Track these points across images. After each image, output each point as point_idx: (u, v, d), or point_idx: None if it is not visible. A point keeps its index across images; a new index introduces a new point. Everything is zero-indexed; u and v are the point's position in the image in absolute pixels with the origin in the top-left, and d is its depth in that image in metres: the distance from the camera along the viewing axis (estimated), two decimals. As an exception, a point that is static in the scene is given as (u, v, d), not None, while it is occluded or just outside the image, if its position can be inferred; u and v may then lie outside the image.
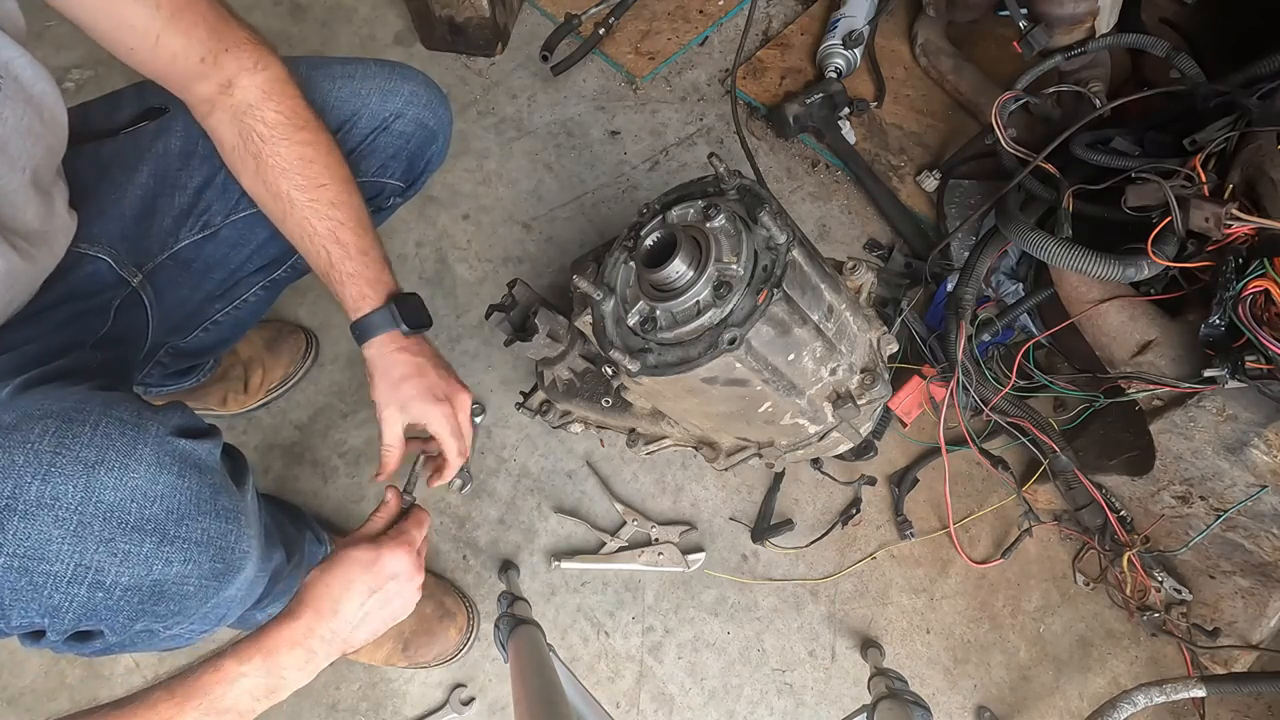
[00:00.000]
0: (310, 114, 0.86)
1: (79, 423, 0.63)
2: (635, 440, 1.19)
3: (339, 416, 1.42)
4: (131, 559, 0.63)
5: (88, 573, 0.62)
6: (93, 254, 0.86)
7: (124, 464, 0.63)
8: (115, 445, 0.63)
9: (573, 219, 1.59)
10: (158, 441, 0.65)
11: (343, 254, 0.87)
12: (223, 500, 0.69)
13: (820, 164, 1.63)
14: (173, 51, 0.77)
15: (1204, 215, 1.02)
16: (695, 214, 0.91)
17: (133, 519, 0.63)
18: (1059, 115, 1.39)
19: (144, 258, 0.91)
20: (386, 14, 1.78)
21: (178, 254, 0.94)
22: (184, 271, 0.95)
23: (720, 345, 0.81)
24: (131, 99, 0.93)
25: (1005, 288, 1.39)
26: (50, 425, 0.63)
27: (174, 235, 0.93)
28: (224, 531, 0.69)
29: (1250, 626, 1.16)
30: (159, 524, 0.64)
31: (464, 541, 1.35)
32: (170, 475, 0.65)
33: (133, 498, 0.63)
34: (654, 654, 1.28)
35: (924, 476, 1.36)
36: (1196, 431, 1.13)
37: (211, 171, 0.92)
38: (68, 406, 0.65)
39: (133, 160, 0.90)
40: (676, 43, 1.75)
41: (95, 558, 0.62)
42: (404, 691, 1.25)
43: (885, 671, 1.08)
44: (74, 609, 0.63)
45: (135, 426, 0.65)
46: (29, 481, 0.60)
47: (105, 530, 0.62)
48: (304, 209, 0.86)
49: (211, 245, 0.96)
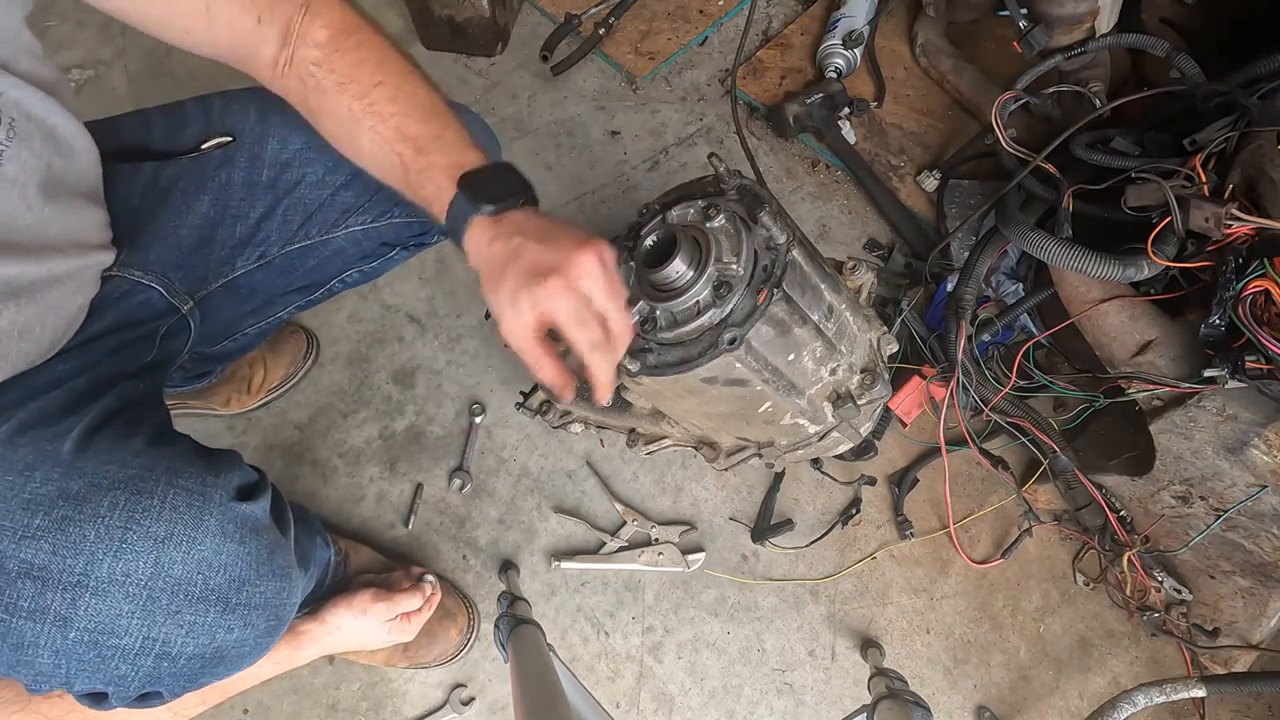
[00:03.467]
0: (357, 18, 0.77)
1: (147, 494, 0.64)
2: (635, 440, 1.19)
3: (339, 416, 1.42)
4: (197, 629, 0.64)
5: (154, 644, 0.63)
6: (146, 282, 0.85)
7: (191, 537, 0.64)
8: (183, 518, 0.64)
9: (573, 219, 1.59)
10: (221, 510, 0.66)
11: (413, 151, 0.73)
12: (278, 559, 0.71)
13: (820, 164, 1.63)
14: (228, 18, 0.73)
15: (1204, 215, 1.02)
16: (695, 214, 0.91)
17: (199, 590, 0.64)
18: (1059, 115, 1.39)
19: (197, 285, 0.90)
20: (387, 14, 1.78)
21: (232, 282, 0.94)
22: (232, 296, 0.95)
23: (720, 345, 0.81)
24: (196, 117, 0.91)
25: (1005, 288, 1.38)
26: (120, 498, 0.63)
27: (230, 264, 0.92)
28: (279, 590, 0.70)
29: (1250, 626, 1.16)
30: (222, 593, 0.65)
31: (464, 541, 1.35)
32: (233, 544, 0.66)
33: (199, 570, 0.64)
34: (654, 654, 1.28)
35: (924, 476, 1.36)
36: (1196, 431, 1.13)
37: (273, 202, 0.92)
38: (134, 475, 0.65)
39: (194, 188, 0.88)
40: (676, 43, 1.75)
41: (163, 630, 0.63)
42: (404, 691, 1.25)
43: (885, 671, 1.08)
44: (139, 678, 0.64)
45: (200, 495, 0.66)
46: (101, 558, 0.61)
47: (173, 604, 0.63)
48: (367, 119, 0.74)
49: (263, 274, 0.96)
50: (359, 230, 0.99)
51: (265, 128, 0.91)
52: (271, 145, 0.91)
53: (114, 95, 1.70)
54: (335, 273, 1.05)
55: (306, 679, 1.23)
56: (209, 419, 1.40)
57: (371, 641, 1.11)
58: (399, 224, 1.00)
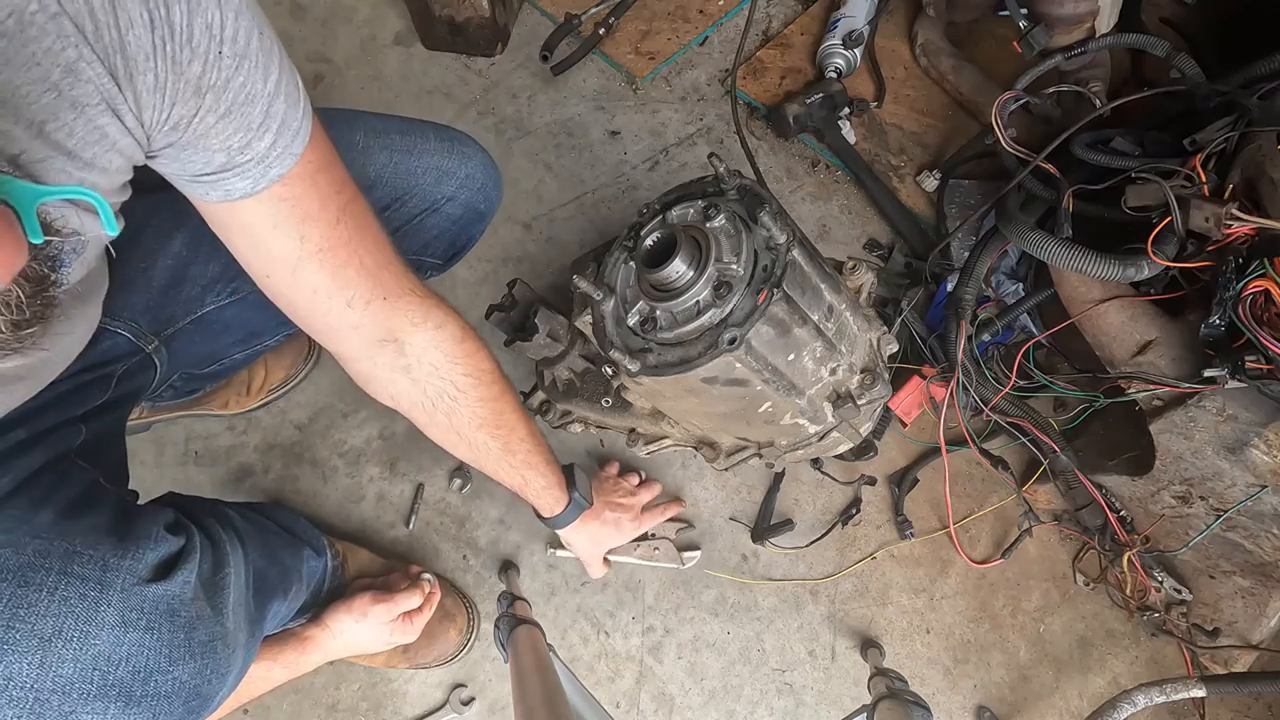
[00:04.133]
0: (492, 364, 0.88)
1: (35, 587, 0.59)
2: (635, 440, 1.19)
3: (339, 416, 1.42)
4: None
5: None
6: (112, 328, 0.82)
7: (84, 632, 0.60)
8: (74, 612, 0.60)
9: (573, 219, 1.59)
10: (123, 598, 0.62)
11: (536, 475, 0.99)
12: (199, 634, 0.67)
13: (820, 164, 1.63)
14: (313, 286, 0.70)
15: (1204, 215, 1.02)
16: (695, 214, 0.91)
17: (95, 688, 0.60)
18: (1059, 115, 1.39)
19: (164, 325, 0.88)
20: (387, 14, 1.78)
21: (202, 318, 0.91)
22: (204, 331, 0.92)
23: (720, 345, 0.81)
24: None
25: (1005, 288, 1.38)
26: (4, 591, 0.59)
27: (200, 301, 0.89)
28: (198, 669, 0.66)
29: (1250, 626, 1.15)
30: (125, 686, 0.61)
31: (464, 541, 1.35)
32: (137, 633, 0.62)
33: (95, 665, 0.60)
34: (654, 654, 1.28)
35: (924, 476, 1.36)
36: (1196, 431, 1.13)
37: None
38: (24, 564, 0.60)
39: (168, 225, 0.85)
40: (676, 43, 1.75)
41: None
42: (404, 691, 1.25)
43: (885, 671, 1.08)
44: None
45: (98, 584, 0.62)
46: None
47: (65, 704, 0.59)
48: (499, 450, 0.93)
49: (236, 309, 0.92)
50: None
51: None
52: None
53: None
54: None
55: (307, 679, 1.23)
56: (208, 419, 1.40)
57: (374, 644, 1.11)
58: None
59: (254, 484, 1.38)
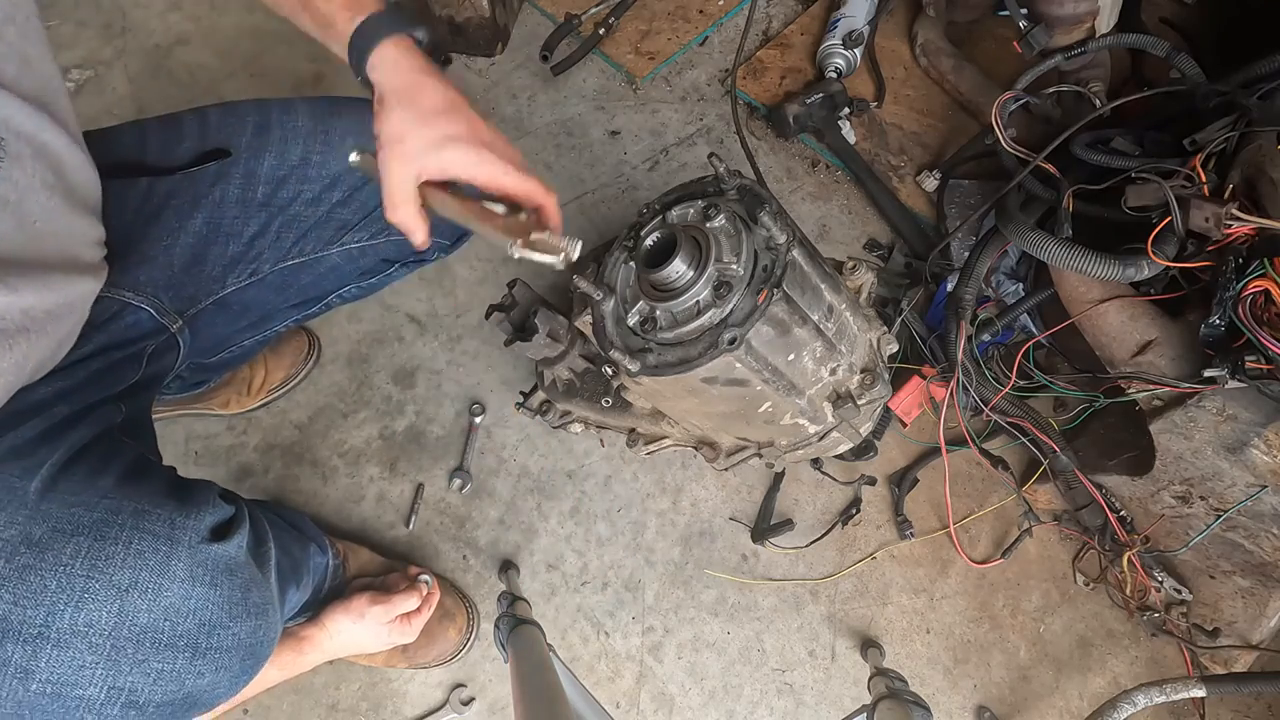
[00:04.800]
0: None
1: (111, 541, 0.63)
2: (635, 440, 1.19)
3: (339, 416, 1.42)
4: (165, 677, 0.64)
5: (121, 694, 0.62)
6: (135, 303, 0.84)
7: (158, 584, 0.63)
8: (149, 564, 0.63)
9: (573, 219, 1.59)
10: (190, 553, 0.65)
11: None
12: (254, 596, 0.70)
13: (820, 164, 1.63)
14: None
15: (1204, 215, 1.02)
16: (695, 214, 0.91)
17: (166, 637, 0.63)
18: (1059, 115, 1.39)
19: (187, 304, 0.89)
20: (386, 14, 1.78)
21: (223, 300, 0.92)
22: (223, 313, 0.94)
23: (720, 345, 0.81)
24: (193, 131, 0.89)
25: (1005, 288, 1.39)
26: (83, 545, 0.62)
27: (221, 282, 0.91)
28: (254, 629, 0.69)
29: (1250, 626, 1.16)
30: (192, 639, 0.64)
31: (464, 541, 1.35)
32: (203, 588, 0.65)
33: (166, 617, 0.63)
34: (654, 654, 1.28)
35: (924, 476, 1.36)
36: (1196, 431, 1.13)
37: (267, 220, 0.90)
38: (98, 520, 0.64)
39: (188, 206, 0.87)
40: (676, 43, 1.75)
41: (129, 680, 0.62)
42: (404, 691, 1.25)
43: (885, 671, 1.08)
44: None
45: (168, 540, 0.65)
46: (62, 609, 0.60)
47: (139, 652, 0.62)
48: None
49: (255, 290, 0.94)
50: (355, 247, 0.98)
51: (261, 143, 0.89)
52: (268, 161, 0.89)
53: (114, 95, 1.70)
54: (333, 288, 1.04)
55: (306, 679, 1.23)
56: (208, 419, 1.40)
57: (372, 644, 1.11)
58: (398, 241, 0.99)
59: (254, 484, 1.38)
